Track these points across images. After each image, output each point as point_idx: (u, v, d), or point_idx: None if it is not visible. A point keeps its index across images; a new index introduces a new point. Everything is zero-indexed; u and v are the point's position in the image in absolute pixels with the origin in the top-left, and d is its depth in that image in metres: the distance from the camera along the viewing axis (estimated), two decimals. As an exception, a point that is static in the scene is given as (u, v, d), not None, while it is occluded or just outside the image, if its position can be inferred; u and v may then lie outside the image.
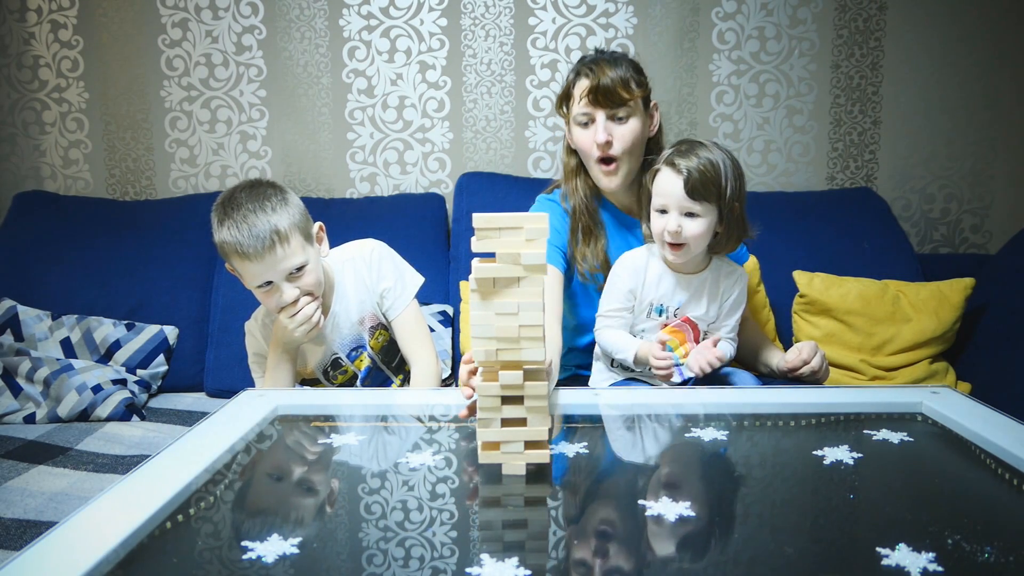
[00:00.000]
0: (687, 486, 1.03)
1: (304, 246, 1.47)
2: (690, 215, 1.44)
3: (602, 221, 1.66)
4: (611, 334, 1.53)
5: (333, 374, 1.62)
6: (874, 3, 2.39)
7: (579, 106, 1.57)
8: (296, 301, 1.46)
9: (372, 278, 1.59)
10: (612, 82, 1.53)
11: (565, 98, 1.62)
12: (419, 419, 1.32)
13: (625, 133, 1.56)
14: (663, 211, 1.46)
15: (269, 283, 1.45)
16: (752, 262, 2.02)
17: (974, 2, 2.38)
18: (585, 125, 1.58)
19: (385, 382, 1.67)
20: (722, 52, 2.41)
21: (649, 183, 1.49)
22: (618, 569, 0.81)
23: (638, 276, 1.52)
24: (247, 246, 1.40)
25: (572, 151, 1.66)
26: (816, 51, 2.41)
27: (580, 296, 1.68)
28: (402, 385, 1.68)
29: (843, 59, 2.41)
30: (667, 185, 1.44)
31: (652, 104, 1.63)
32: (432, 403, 1.41)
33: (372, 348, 1.62)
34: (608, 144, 1.55)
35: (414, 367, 1.61)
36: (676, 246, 1.45)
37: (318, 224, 1.57)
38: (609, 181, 1.59)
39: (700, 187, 1.41)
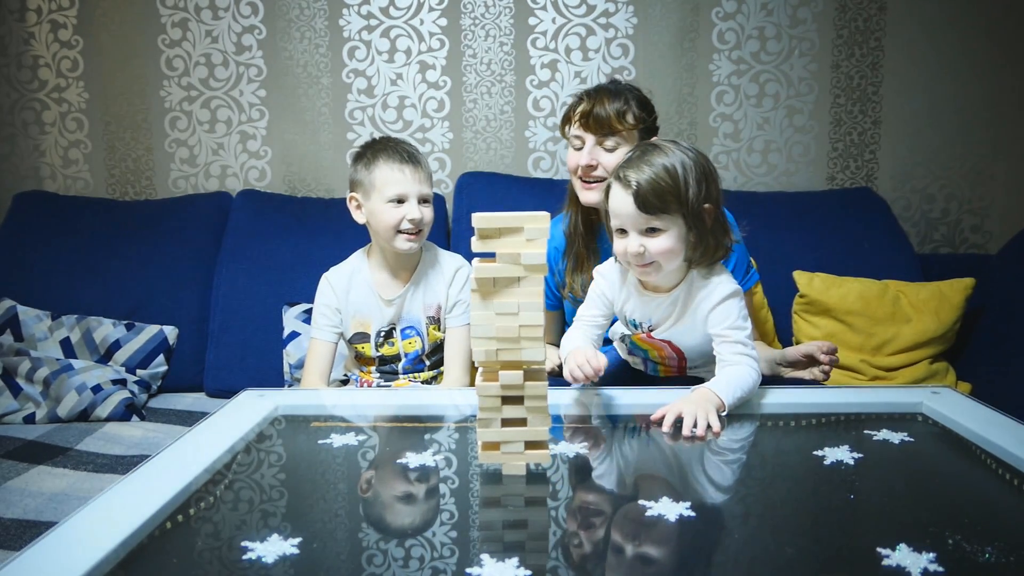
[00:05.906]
0: (687, 486, 1.03)
1: (432, 190, 1.71)
2: (651, 231, 1.28)
3: (596, 248, 1.69)
4: (569, 334, 1.44)
5: (382, 343, 1.72)
6: (874, 3, 2.39)
7: (573, 128, 1.63)
8: (415, 226, 1.65)
9: (455, 286, 1.73)
10: (606, 111, 1.58)
11: (566, 120, 1.66)
12: (419, 419, 1.32)
13: (611, 160, 1.59)
14: (622, 230, 1.31)
15: (400, 203, 1.63)
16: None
17: (974, 2, 2.38)
18: (578, 148, 1.63)
19: (422, 381, 1.74)
20: (722, 52, 2.41)
21: (604, 201, 1.35)
22: (618, 569, 0.81)
23: (611, 288, 1.42)
24: (404, 154, 1.65)
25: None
26: (816, 51, 2.41)
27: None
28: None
29: (843, 59, 2.41)
30: (618, 203, 1.29)
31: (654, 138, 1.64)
32: (433, 403, 1.41)
33: (427, 337, 1.72)
34: (591, 168, 1.60)
35: (447, 376, 1.71)
36: (645, 266, 1.30)
37: None
38: (587, 195, 1.63)
39: (654, 199, 1.25)
